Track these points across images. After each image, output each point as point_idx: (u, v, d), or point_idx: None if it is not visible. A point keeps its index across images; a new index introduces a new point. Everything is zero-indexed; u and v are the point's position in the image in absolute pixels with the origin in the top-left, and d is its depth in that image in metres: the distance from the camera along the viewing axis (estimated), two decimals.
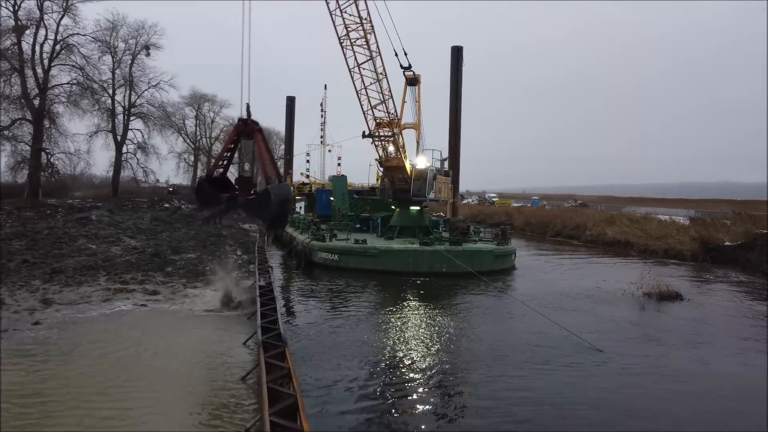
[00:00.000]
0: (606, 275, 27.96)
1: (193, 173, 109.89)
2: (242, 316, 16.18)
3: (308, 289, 22.22)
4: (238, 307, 17.13)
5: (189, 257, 26.00)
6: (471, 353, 13.99)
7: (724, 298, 22.44)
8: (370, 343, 14.39)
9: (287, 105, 56.74)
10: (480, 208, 77.57)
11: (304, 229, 32.97)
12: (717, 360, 13.99)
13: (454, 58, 40.15)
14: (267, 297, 15.73)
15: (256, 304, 15.16)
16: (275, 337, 11.55)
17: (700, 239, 34.28)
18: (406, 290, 22.70)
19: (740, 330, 17.21)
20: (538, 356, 13.78)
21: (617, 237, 42.05)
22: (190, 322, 15.37)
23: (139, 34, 70.62)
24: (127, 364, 11.65)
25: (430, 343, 14.81)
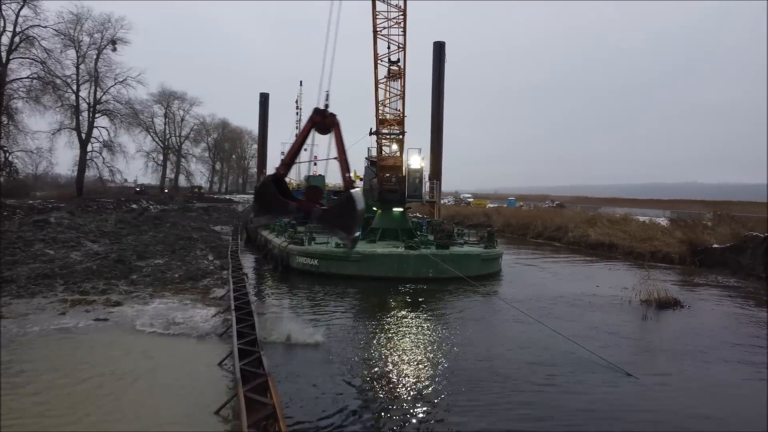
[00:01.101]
0: (598, 280, 26.92)
1: (162, 173, 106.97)
2: (217, 328, 14.51)
3: (287, 298, 20.58)
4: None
5: (156, 263, 24.10)
6: (466, 370, 12.60)
7: (724, 305, 21.51)
8: (357, 364, 12.87)
9: (261, 101, 54.76)
10: (457, 209, 76.61)
11: (280, 232, 31.27)
12: (739, 377, 12.85)
13: (436, 55, 38.79)
14: (243, 311, 14.09)
15: (231, 319, 13.50)
16: (255, 363, 9.96)
17: (688, 241, 33.57)
18: (391, 297, 21.27)
19: (753, 341, 16.19)
20: (541, 373, 12.44)
21: (601, 239, 41.25)
22: (156, 338, 13.69)
23: (105, 28, 67.96)
24: (79, 392, 9.94)
25: (422, 360, 13.41)
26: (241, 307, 14.56)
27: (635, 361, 13.53)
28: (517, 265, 31.11)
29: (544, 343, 14.94)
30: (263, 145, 56.61)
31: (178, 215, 51.09)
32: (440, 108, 39.75)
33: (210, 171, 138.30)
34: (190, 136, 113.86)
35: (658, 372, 12.94)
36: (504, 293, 22.30)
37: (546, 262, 34.60)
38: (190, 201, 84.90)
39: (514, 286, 24.53)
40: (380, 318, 17.81)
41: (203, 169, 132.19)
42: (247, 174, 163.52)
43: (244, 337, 11.56)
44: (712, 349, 15.13)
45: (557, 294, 22.67)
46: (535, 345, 14.85)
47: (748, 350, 15.09)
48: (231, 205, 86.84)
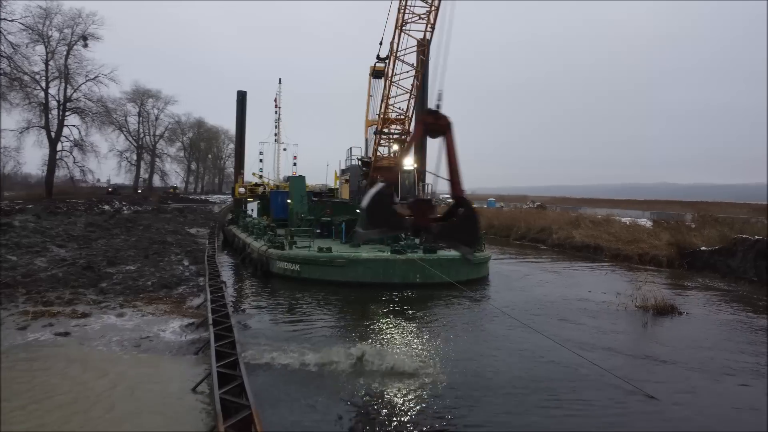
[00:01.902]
0: (589, 284, 26.20)
1: (136, 173, 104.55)
2: (192, 344, 13.29)
3: (268, 307, 19.37)
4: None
5: (128, 269, 22.70)
6: (463, 386, 11.66)
7: (723, 312, 20.86)
8: (346, 383, 11.78)
9: (238, 99, 53.16)
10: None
11: (259, 235, 29.97)
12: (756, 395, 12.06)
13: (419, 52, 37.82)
14: (222, 326, 12.88)
15: (209, 335, 12.30)
16: (237, 391, 8.81)
17: (676, 244, 33.10)
18: (378, 305, 20.20)
19: (759, 348, 15.49)
20: (543, 392, 11.48)
21: (586, 241, 40.68)
22: (125, 357, 12.42)
23: (76, 23, 65.75)
24: (34, 420, 8.69)
25: (413, 374, 12.40)
26: (220, 321, 13.36)
27: (647, 379, 12.65)
28: (504, 269, 30.27)
29: (543, 354, 14.08)
30: (241, 144, 54.99)
31: (152, 217, 49.35)
32: (423, 106, 38.62)
33: (185, 171, 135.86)
34: (165, 135, 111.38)
35: (672, 389, 12.08)
36: (495, 299, 21.39)
37: (533, 265, 33.86)
38: (164, 202, 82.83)
39: (503, 291, 23.66)
40: (368, 328, 16.77)
41: (178, 169, 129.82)
42: (223, 174, 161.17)
43: (224, 358, 10.39)
44: (722, 362, 14.35)
45: (549, 299, 21.87)
46: (533, 357, 13.96)
47: (758, 362, 14.37)
48: (207, 205, 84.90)
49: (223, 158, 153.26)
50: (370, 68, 28.23)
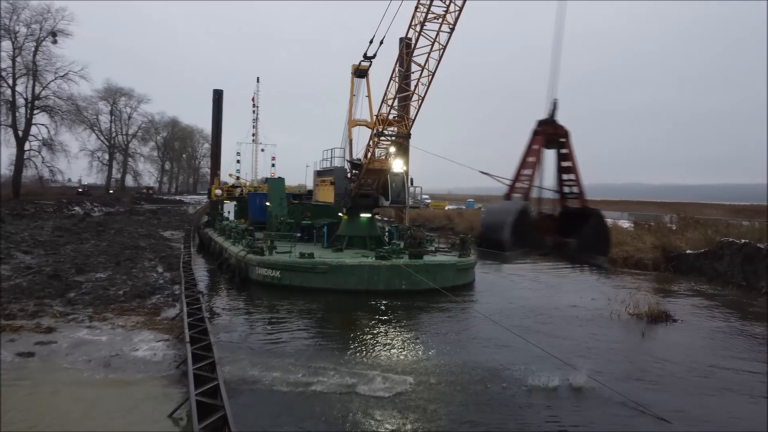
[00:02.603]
0: (577, 289, 25.73)
1: (108, 173, 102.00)
2: (168, 363, 12.28)
3: (248, 318, 18.35)
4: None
5: (98, 278, 21.50)
6: (456, 406, 10.87)
7: (717, 319, 20.46)
8: (338, 407, 10.89)
9: (214, 99, 51.73)
10: (417, 212, 74.94)
11: (236, 239, 28.87)
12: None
13: (402, 51, 36.92)
14: (201, 344, 11.89)
15: (187, 354, 11.30)
16: (219, 424, 7.87)
17: (662, 247, 32.84)
18: (364, 314, 19.36)
19: (759, 356, 15.02)
20: (544, 413, 10.76)
21: None
22: (92, 379, 11.38)
23: (44, 19, 63.57)
24: None
25: (403, 392, 11.65)
26: (198, 338, 12.35)
27: (653, 400, 12.01)
28: (489, 273, 29.59)
29: (537, 366, 13.38)
30: (217, 144, 53.51)
31: (125, 220, 47.76)
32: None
33: (159, 171, 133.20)
34: (138, 134, 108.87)
35: (675, 406, 11.44)
36: (484, 308, 20.62)
37: (517, 268, 33.25)
38: (138, 202, 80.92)
39: (491, 298, 22.96)
40: (353, 340, 15.95)
41: (152, 169, 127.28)
42: (198, 174, 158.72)
43: (204, 384, 9.43)
44: (725, 376, 13.83)
45: (540, 306, 21.27)
46: (528, 371, 13.23)
47: (761, 372, 13.88)
48: (181, 206, 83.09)
49: (197, 158, 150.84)
50: (353, 67, 27.30)
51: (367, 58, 26.59)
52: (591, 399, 11.65)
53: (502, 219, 8.76)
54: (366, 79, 28.22)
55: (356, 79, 28.01)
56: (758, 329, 18.85)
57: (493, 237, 8.83)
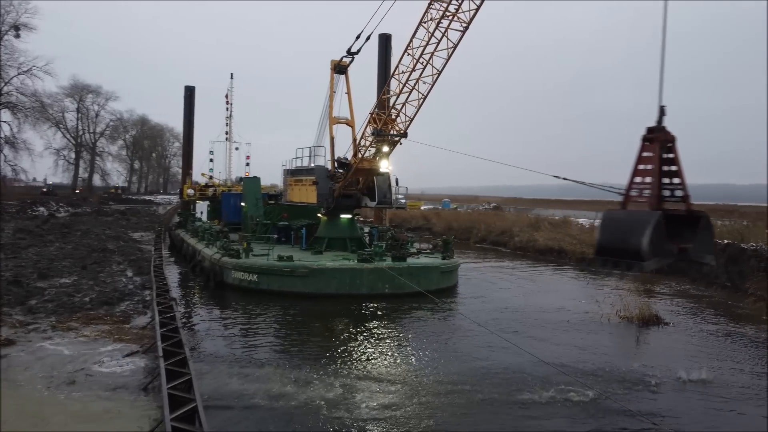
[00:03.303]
0: (564, 291, 25.28)
1: (75, 172, 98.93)
2: (138, 378, 11.23)
3: (225, 326, 17.33)
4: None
5: (62, 283, 20.18)
6: (450, 419, 10.13)
7: (705, 320, 20.15)
8: (321, 415, 10.04)
9: (186, 95, 50.04)
10: (393, 212, 74.23)
11: (210, 241, 27.68)
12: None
13: (382, 48, 36.16)
14: (175, 359, 10.87)
15: (160, 370, 10.28)
16: None
17: None
18: (346, 319, 18.50)
19: (757, 361, 14.60)
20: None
21: (549, 244, 39.95)
22: (55, 397, 10.30)
23: (6, 12, 60.93)
24: None
25: (389, 405, 10.94)
26: (172, 351, 11.32)
27: (659, 409, 11.40)
28: (471, 275, 28.91)
29: (532, 376, 12.79)
30: (189, 142, 51.80)
31: (92, 221, 45.95)
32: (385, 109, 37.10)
33: (128, 170, 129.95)
34: (106, 132, 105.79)
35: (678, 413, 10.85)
36: (470, 311, 19.91)
37: (499, 270, 32.76)
38: (105, 203, 78.60)
39: (477, 301, 22.28)
40: (337, 347, 15.20)
41: (120, 168, 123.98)
42: (168, 173, 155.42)
43: (180, 406, 8.44)
44: (727, 381, 13.33)
45: (528, 310, 20.68)
46: (523, 381, 12.61)
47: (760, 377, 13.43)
48: (152, 206, 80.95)
49: (168, 157, 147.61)
50: (332, 63, 26.33)
51: (351, 54, 25.74)
52: (586, 409, 11.01)
53: (636, 228, 8.63)
54: (345, 75, 27.31)
55: (336, 76, 27.06)
56: (750, 331, 18.55)
57: (626, 247, 8.40)
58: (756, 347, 16.57)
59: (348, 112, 26.94)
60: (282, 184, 31.31)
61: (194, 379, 9.77)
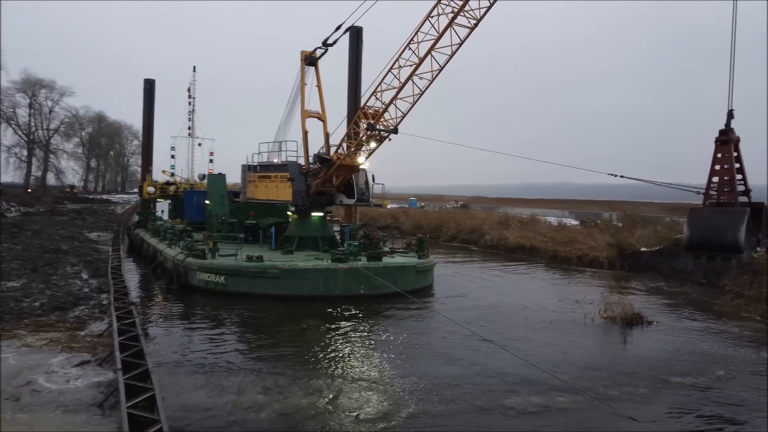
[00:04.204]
0: (541, 290, 24.79)
1: (27, 170, 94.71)
2: (94, 393, 9.97)
3: (191, 332, 16.06)
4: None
5: (10, 286, 18.51)
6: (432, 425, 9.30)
7: (687, 318, 19.85)
8: (298, 424, 9.04)
9: (145, 88, 47.88)
10: (362, 210, 73.22)
11: (173, 241, 26.20)
12: None
13: (353, 41, 35.02)
14: (136, 371, 9.63)
15: (118, 385, 9.05)
16: None
17: (617, 245, 32.42)
18: (320, 322, 17.46)
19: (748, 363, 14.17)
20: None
21: (521, 242, 39.57)
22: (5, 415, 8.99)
23: None
24: None
25: (373, 419, 9.98)
26: (133, 363, 10.08)
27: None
28: (445, 274, 28.12)
29: (519, 380, 12.13)
30: (149, 138, 49.56)
31: (45, 220, 43.55)
32: (357, 100, 35.99)
33: (84, 169, 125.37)
34: (61, 129, 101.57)
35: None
36: (449, 312, 19.05)
37: (473, 268, 32.14)
38: (60, 202, 75.38)
39: (455, 301, 21.44)
40: (311, 352, 14.29)
41: (76, 167, 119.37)
42: (127, 172, 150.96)
43: (144, 429, 7.27)
44: (721, 384, 12.80)
45: (509, 310, 20.02)
46: (509, 385, 11.92)
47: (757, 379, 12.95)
48: (109, 206, 77.98)
49: (126, 155, 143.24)
50: (303, 54, 25.16)
51: (326, 45, 24.70)
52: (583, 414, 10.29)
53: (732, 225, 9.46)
54: (316, 67, 26.19)
55: (307, 67, 25.92)
56: (731, 328, 18.25)
57: (723, 242, 9.60)
58: (743, 346, 16.23)
59: (317, 106, 25.86)
60: (242, 181, 29.46)
61: (158, 396, 8.60)
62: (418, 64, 20.08)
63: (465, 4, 19.11)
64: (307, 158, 24.87)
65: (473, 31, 19.65)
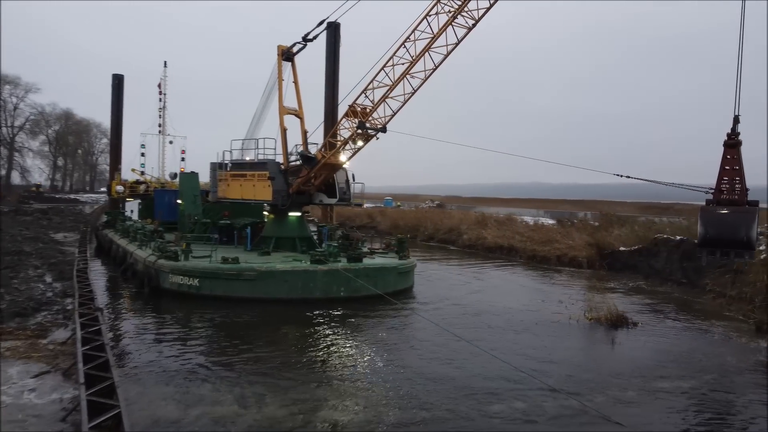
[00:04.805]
0: (524, 291, 24.45)
1: None
2: (54, 409, 9.12)
3: (160, 336, 15.22)
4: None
5: None
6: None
7: (670, 318, 19.68)
8: None
9: (114, 84, 46.24)
10: (338, 210, 72.35)
11: (144, 242, 25.16)
12: None
13: (330, 38, 34.15)
14: (100, 385, 8.82)
15: (80, 401, 8.23)
16: None
17: (596, 245, 32.25)
18: (299, 327, 16.78)
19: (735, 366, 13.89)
20: None
21: (499, 242, 39.25)
22: None
23: None
24: None
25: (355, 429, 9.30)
26: (97, 376, 9.24)
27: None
28: (426, 274, 27.58)
29: (505, 386, 11.68)
30: (117, 135, 47.90)
31: (8, 221, 41.80)
32: (335, 97, 35.15)
33: (51, 167, 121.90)
34: (26, 127, 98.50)
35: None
36: (432, 315, 18.48)
37: (452, 269, 31.67)
38: (25, 201, 73.02)
39: (438, 304, 20.86)
40: (290, 358, 13.59)
41: (42, 165, 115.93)
42: (95, 171, 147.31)
43: None
44: (715, 387, 12.47)
45: (493, 312, 19.56)
46: (495, 391, 11.45)
47: (750, 380, 12.64)
48: (77, 206, 75.75)
49: (95, 154, 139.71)
50: (279, 48, 24.32)
51: (306, 40, 23.98)
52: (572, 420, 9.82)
53: (744, 223, 9.94)
54: (292, 63, 25.36)
55: (284, 62, 25.08)
56: (718, 329, 18.14)
57: (736, 239, 9.94)
58: (730, 347, 16.05)
59: (293, 103, 25.04)
60: (211, 179, 28.11)
61: (124, 414, 7.82)
62: (413, 63, 19.60)
63: (465, 4, 18.68)
64: (286, 156, 24.02)
65: (471, 31, 19.25)
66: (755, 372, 13.64)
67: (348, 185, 24.14)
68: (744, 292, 20.75)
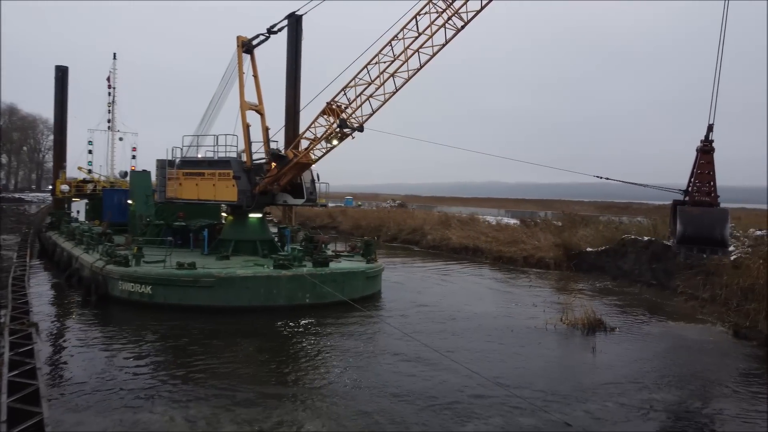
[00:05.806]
0: (494, 294, 23.74)
1: None
2: None
3: (107, 352, 13.73)
4: None
5: None
6: None
7: (645, 322, 19.15)
8: None
9: (57, 77, 43.44)
10: (296, 210, 70.67)
11: (90, 245, 23.35)
12: None
13: (292, 30, 32.55)
14: (26, 423, 7.42)
15: None
16: None
17: (563, 245, 31.88)
18: (262, 338, 15.60)
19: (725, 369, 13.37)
20: None
21: (464, 242, 38.62)
22: None
23: None
24: None
25: None
26: (24, 411, 7.82)
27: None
28: (391, 277, 26.48)
29: (482, 401, 10.76)
30: (61, 131, 45.02)
31: None
32: (296, 94, 33.74)
33: None
34: None
35: None
36: (403, 323, 17.51)
37: (418, 271, 30.79)
38: None
39: (407, 311, 19.75)
40: (252, 375, 12.39)
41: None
42: (42, 169, 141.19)
43: None
44: (705, 395, 11.85)
45: (465, 318, 18.69)
46: (471, 407, 10.56)
47: (741, 385, 12.08)
48: (21, 205, 72.00)
49: (42, 151, 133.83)
50: (239, 40, 22.80)
51: (271, 33, 22.68)
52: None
53: (719, 222, 10.68)
54: (252, 56, 23.90)
55: (244, 55, 23.60)
56: (687, 332, 17.72)
57: (712, 237, 10.67)
58: (708, 351, 15.59)
59: (253, 98, 23.60)
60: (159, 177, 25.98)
61: None
62: (403, 61, 18.99)
63: (463, 5, 18.25)
64: (250, 154, 22.53)
65: (459, 32, 18.73)
66: (738, 382, 13.10)
67: (314, 185, 22.90)
68: (717, 294, 20.47)
